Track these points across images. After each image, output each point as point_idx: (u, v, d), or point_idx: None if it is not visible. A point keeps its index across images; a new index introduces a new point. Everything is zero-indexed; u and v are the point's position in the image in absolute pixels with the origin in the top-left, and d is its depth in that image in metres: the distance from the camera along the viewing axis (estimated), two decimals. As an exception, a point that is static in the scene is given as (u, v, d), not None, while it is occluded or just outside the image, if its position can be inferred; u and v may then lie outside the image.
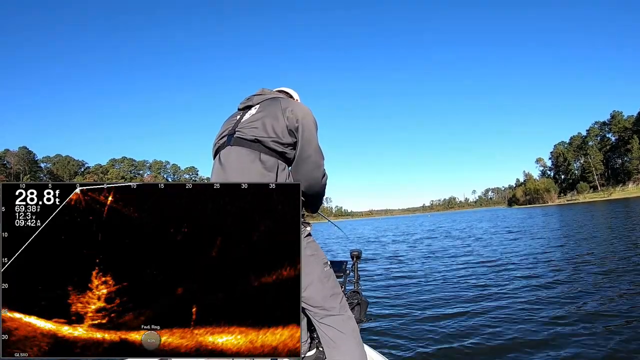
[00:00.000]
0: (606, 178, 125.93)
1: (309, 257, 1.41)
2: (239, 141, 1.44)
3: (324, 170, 1.58)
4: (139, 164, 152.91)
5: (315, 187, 1.57)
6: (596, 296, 5.47)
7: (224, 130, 1.55)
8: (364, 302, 2.05)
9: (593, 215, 28.52)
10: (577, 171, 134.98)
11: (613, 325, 4.21)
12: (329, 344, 1.42)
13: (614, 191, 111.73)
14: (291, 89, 1.86)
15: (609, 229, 16.04)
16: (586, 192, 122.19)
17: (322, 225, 24.20)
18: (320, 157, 1.54)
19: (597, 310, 4.79)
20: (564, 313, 4.85)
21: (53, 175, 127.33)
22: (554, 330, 4.27)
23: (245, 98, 1.64)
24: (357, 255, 2.31)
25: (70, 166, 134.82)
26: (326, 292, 1.42)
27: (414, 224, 47.67)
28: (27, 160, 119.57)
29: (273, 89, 1.74)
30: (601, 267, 7.52)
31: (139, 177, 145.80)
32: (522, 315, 4.94)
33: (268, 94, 1.61)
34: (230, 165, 1.42)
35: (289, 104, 1.49)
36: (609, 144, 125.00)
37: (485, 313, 5.17)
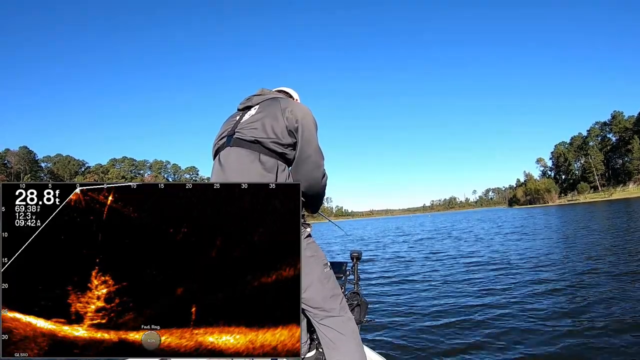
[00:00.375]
0: (607, 178, 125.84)
1: (308, 258, 1.41)
2: (239, 142, 1.44)
3: (324, 170, 1.57)
4: (139, 164, 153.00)
5: (316, 188, 1.56)
6: (609, 304, 5.12)
7: (224, 131, 1.55)
8: (363, 303, 2.04)
9: (595, 215, 28.50)
10: (578, 171, 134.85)
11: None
12: (328, 345, 1.42)
13: (614, 191, 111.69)
14: (291, 89, 1.85)
15: (614, 229, 15.89)
16: (587, 193, 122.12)
17: (323, 225, 23.85)
18: (320, 158, 1.54)
19: (608, 321, 4.41)
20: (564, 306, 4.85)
21: (53, 175, 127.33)
22: (556, 329, 4.26)
23: (245, 98, 1.64)
24: (357, 256, 2.30)
25: (70, 166, 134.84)
26: (326, 293, 1.42)
27: (415, 224, 47.57)
28: (27, 160, 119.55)
29: (273, 89, 1.74)
30: (612, 271, 7.26)
31: (139, 177, 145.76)
32: (523, 316, 4.94)
33: (268, 94, 1.60)
34: (230, 166, 1.42)
35: (288, 104, 1.49)
36: (610, 144, 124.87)
37: (486, 313, 5.17)
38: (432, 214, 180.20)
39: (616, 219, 21.35)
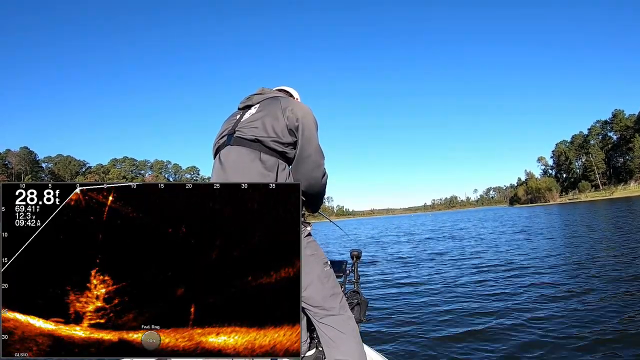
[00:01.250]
0: (608, 177, 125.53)
1: (309, 256, 1.41)
2: (239, 141, 1.44)
3: (324, 169, 1.57)
4: (140, 164, 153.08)
5: (316, 187, 1.56)
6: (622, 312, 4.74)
7: (224, 130, 1.55)
8: (363, 302, 2.05)
9: (598, 214, 28.25)
10: (579, 170, 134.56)
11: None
12: (328, 343, 1.42)
13: (615, 190, 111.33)
14: (291, 88, 1.85)
15: (618, 228, 15.64)
16: (588, 191, 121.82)
17: (323, 224, 24.07)
18: (321, 157, 1.54)
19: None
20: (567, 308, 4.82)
21: (54, 175, 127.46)
22: (559, 331, 4.25)
23: (245, 97, 1.64)
24: (357, 255, 2.31)
25: (71, 166, 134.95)
26: (326, 292, 1.42)
27: (416, 224, 47.25)
28: (28, 161, 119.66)
29: (273, 88, 1.74)
30: (623, 271, 6.99)
31: (140, 177, 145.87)
32: (524, 315, 4.93)
33: (268, 93, 1.60)
34: (230, 165, 1.42)
35: (289, 103, 1.49)
36: (611, 142, 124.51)
37: (486, 314, 5.16)
38: (433, 213, 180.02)
39: (619, 218, 21.12)
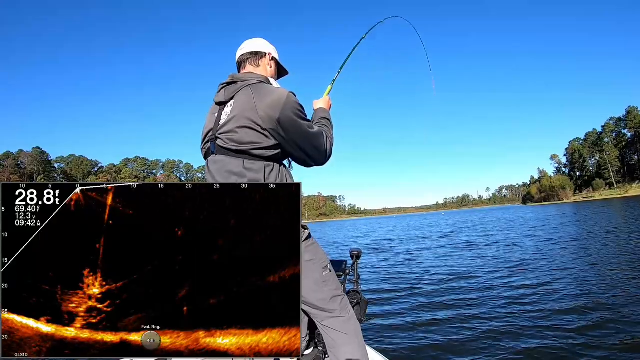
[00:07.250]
0: (622, 175, 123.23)
1: (307, 262, 1.40)
2: (222, 150, 1.40)
3: (324, 140, 1.51)
4: (152, 164, 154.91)
5: (321, 148, 1.51)
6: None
7: (207, 133, 1.49)
8: (363, 302, 2.06)
9: (616, 213, 27.41)
10: (593, 168, 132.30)
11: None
12: (331, 344, 1.43)
13: (630, 188, 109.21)
14: (260, 42, 1.67)
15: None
16: (602, 189, 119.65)
17: (332, 223, 23.76)
18: (314, 138, 1.47)
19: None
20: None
21: (67, 175, 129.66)
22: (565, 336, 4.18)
23: (218, 87, 1.54)
24: (357, 255, 2.33)
25: (83, 166, 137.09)
26: (326, 295, 1.42)
27: (431, 224, 45.20)
28: (40, 161, 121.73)
29: (245, 50, 1.63)
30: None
31: (152, 176, 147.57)
32: (525, 317, 4.85)
33: (239, 85, 1.47)
34: (217, 173, 1.41)
35: (261, 100, 1.37)
36: (625, 140, 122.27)
37: (492, 315, 5.10)
38: (446, 212, 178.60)
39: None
